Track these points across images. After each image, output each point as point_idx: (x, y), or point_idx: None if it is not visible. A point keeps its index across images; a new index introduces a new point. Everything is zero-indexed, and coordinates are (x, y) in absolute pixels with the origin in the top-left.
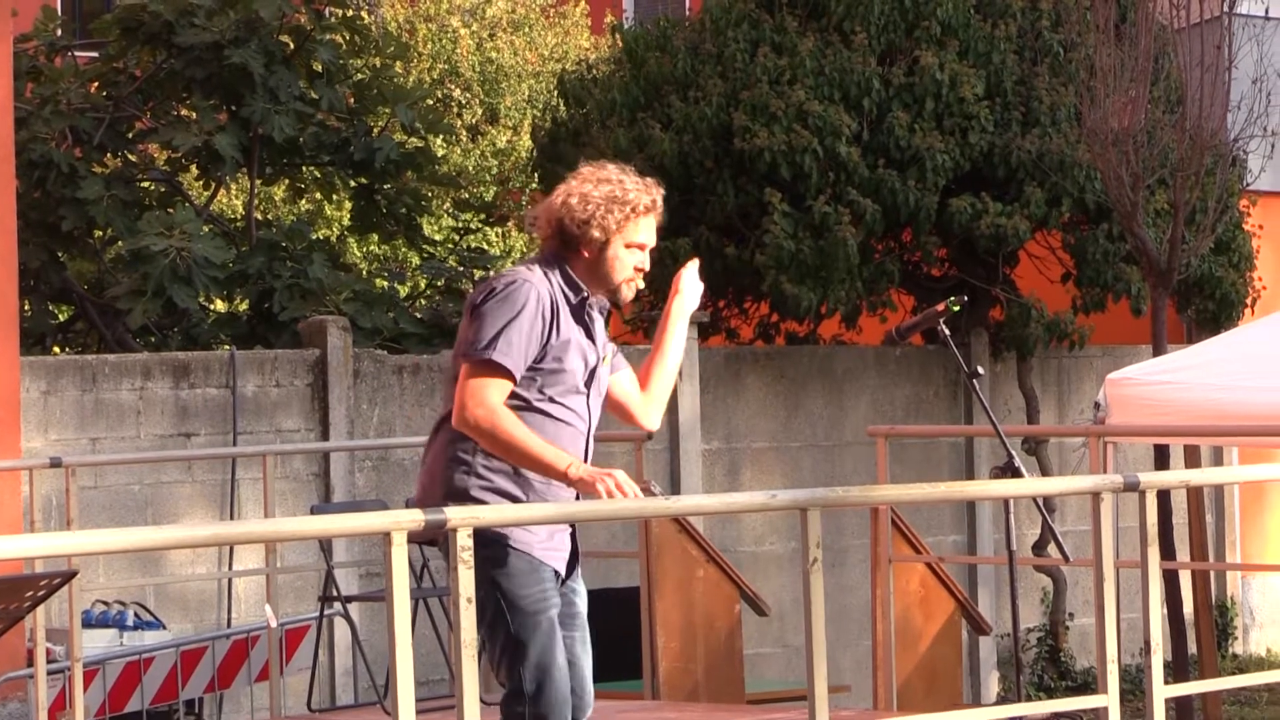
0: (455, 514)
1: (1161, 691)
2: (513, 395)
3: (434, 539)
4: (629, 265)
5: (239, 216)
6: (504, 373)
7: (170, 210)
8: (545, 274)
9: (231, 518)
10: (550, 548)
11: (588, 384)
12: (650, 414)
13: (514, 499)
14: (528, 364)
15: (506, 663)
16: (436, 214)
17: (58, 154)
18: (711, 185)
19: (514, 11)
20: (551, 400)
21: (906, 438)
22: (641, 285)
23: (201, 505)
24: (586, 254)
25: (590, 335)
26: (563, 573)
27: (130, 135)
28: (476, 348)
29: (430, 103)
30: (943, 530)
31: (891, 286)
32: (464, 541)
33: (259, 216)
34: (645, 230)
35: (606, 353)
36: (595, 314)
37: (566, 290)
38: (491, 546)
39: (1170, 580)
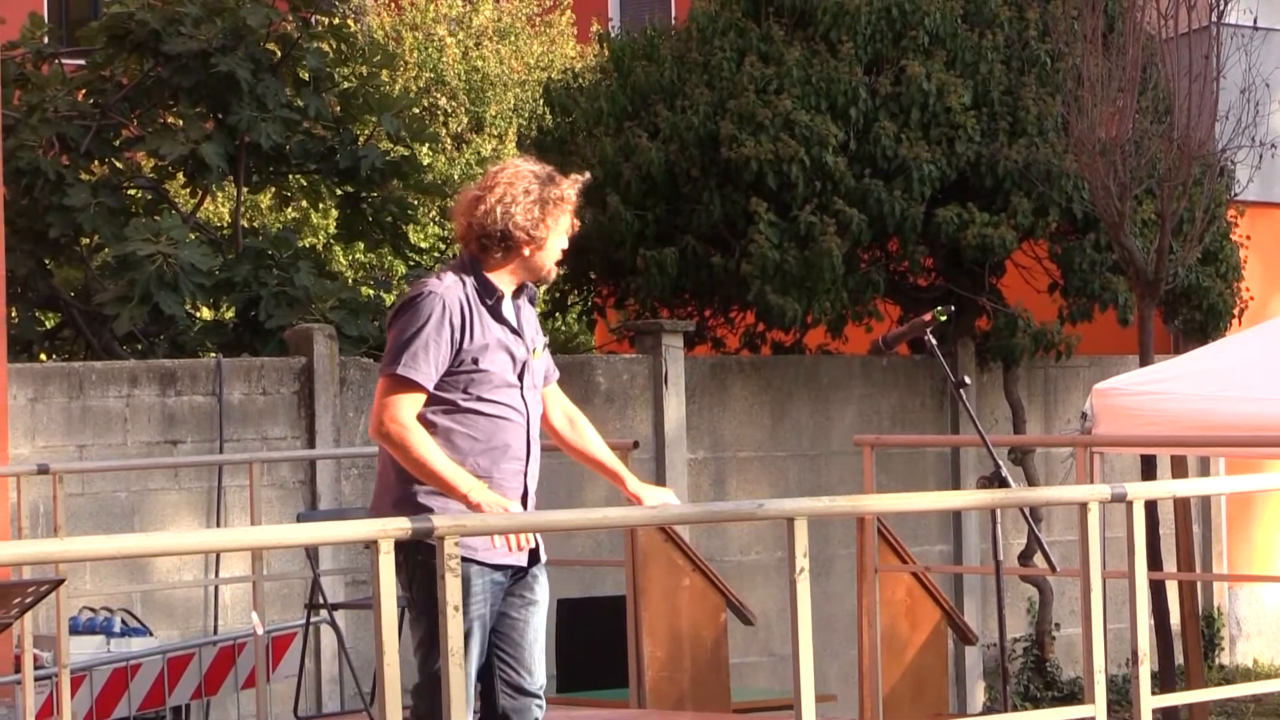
0: (442, 522)
1: (1149, 702)
2: (440, 400)
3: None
4: (558, 252)
5: (225, 224)
6: (413, 386)
7: (157, 218)
8: (459, 279)
9: (218, 525)
10: (496, 549)
11: (520, 377)
12: (560, 419)
13: (435, 493)
14: (440, 372)
15: (422, 656)
16: (422, 222)
17: (45, 161)
18: (698, 194)
19: (500, 20)
20: (480, 399)
21: (893, 447)
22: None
23: (188, 512)
24: (513, 251)
25: (518, 330)
26: (521, 564)
27: (117, 143)
28: (389, 364)
29: (416, 111)
30: (929, 540)
31: (877, 296)
32: (451, 549)
33: (245, 224)
34: (568, 220)
35: (538, 345)
36: (524, 308)
37: (481, 293)
38: (428, 552)
39: (1157, 590)
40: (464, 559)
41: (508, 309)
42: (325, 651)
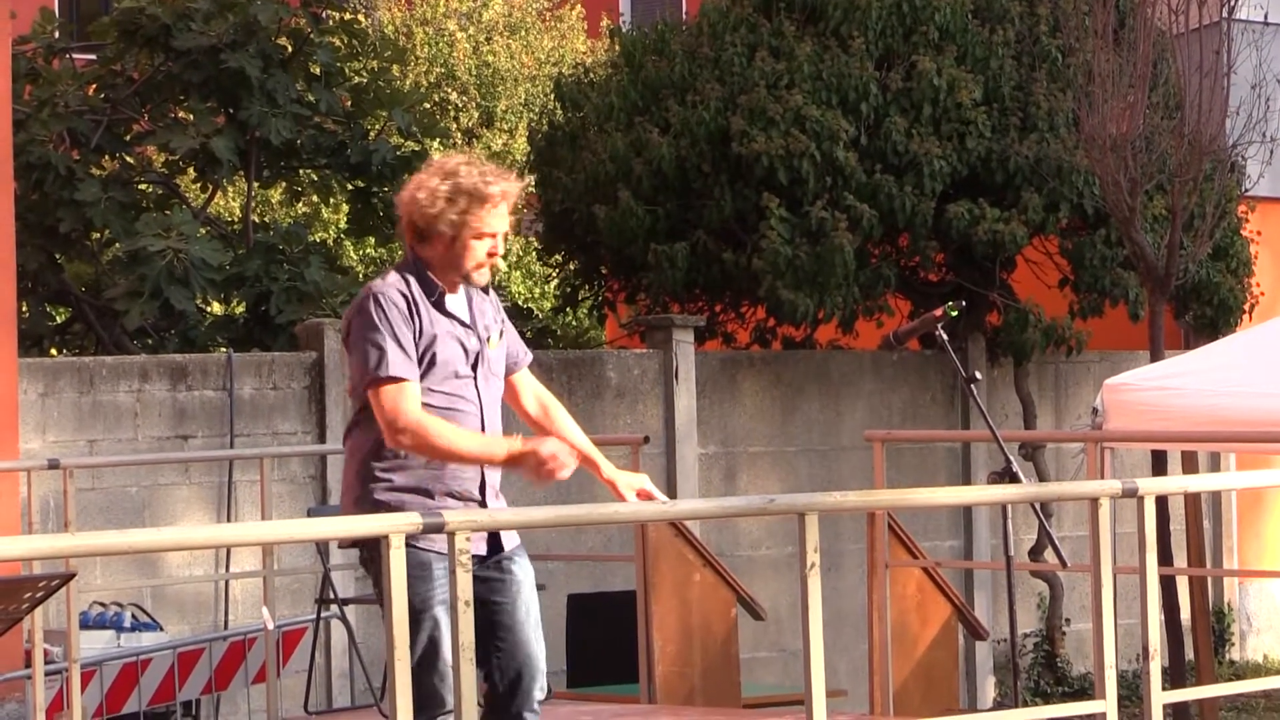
0: (454, 516)
1: (1160, 697)
2: None
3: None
4: (479, 253)
5: (236, 219)
6: (403, 380)
7: (167, 212)
8: (401, 277)
9: (228, 520)
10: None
11: (474, 367)
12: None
13: (417, 491)
14: (414, 359)
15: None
16: None
17: (55, 156)
18: (709, 190)
19: (510, 15)
20: (430, 390)
21: (903, 443)
22: (501, 266)
23: (199, 507)
24: (439, 246)
25: (467, 321)
26: (479, 551)
27: (128, 138)
28: (369, 374)
29: (427, 106)
30: (939, 535)
31: (888, 292)
32: (462, 544)
33: (256, 219)
34: (493, 219)
35: (493, 334)
36: (476, 298)
37: (423, 288)
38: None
39: (1167, 586)
40: (421, 548)
41: (455, 301)
42: (336, 646)
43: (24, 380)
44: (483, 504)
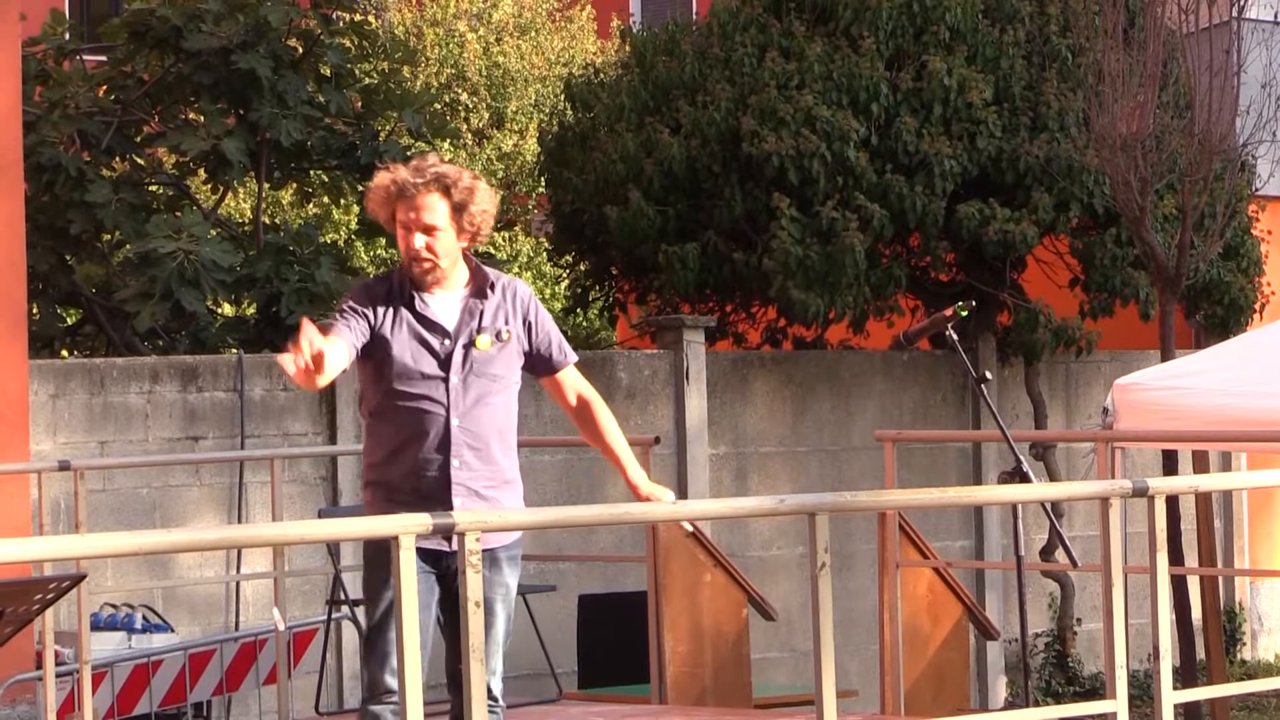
0: (464, 517)
1: (1171, 697)
2: (368, 400)
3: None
4: (412, 245)
5: (247, 220)
6: (334, 328)
7: (178, 214)
8: (388, 278)
9: (239, 521)
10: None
11: (445, 366)
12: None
13: (382, 486)
14: (356, 334)
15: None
16: None
17: (66, 158)
18: (719, 190)
19: (520, 16)
20: (392, 390)
21: (914, 443)
22: (442, 263)
23: (209, 508)
24: (399, 244)
25: (441, 323)
26: (443, 548)
27: (138, 139)
28: None
29: (437, 107)
30: (950, 535)
31: (899, 292)
32: (472, 545)
33: (266, 220)
34: (411, 209)
35: (484, 336)
36: (471, 300)
37: (399, 287)
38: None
39: (1178, 586)
40: (374, 542)
41: (439, 302)
42: (347, 647)
43: (35, 382)
44: (447, 505)
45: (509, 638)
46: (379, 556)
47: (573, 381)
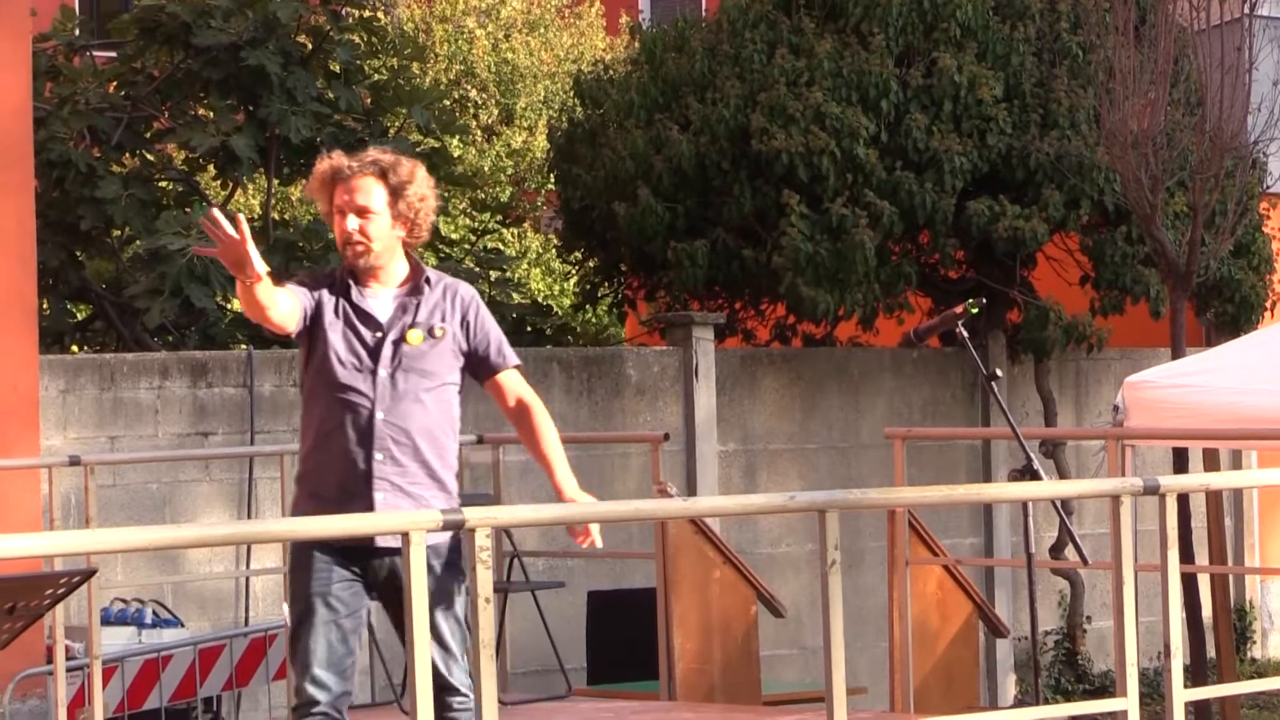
0: (473, 514)
1: (1181, 695)
2: (303, 382)
3: None
4: (343, 229)
5: (256, 216)
6: (290, 287)
7: (188, 210)
8: (336, 268)
9: (249, 516)
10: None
11: (374, 359)
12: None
13: (304, 478)
14: (300, 302)
15: None
16: (453, 214)
17: (76, 153)
18: (728, 187)
19: (529, 12)
20: (319, 378)
21: (924, 440)
22: (375, 246)
23: (219, 504)
24: None
25: (374, 315)
26: (373, 544)
27: (148, 135)
28: None
29: (446, 103)
30: (960, 533)
31: (909, 289)
32: (482, 541)
33: (276, 216)
34: (346, 191)
35: (416, 331)
36: (405, 297)
37: (340, 279)
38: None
39: (1189, 584)
40: (299, 543)
41: (375, 296)
42: None
43: (45, 377)
44: (368, 500)
45: (465, 641)
46: (298, 558)
47: (513, 386)
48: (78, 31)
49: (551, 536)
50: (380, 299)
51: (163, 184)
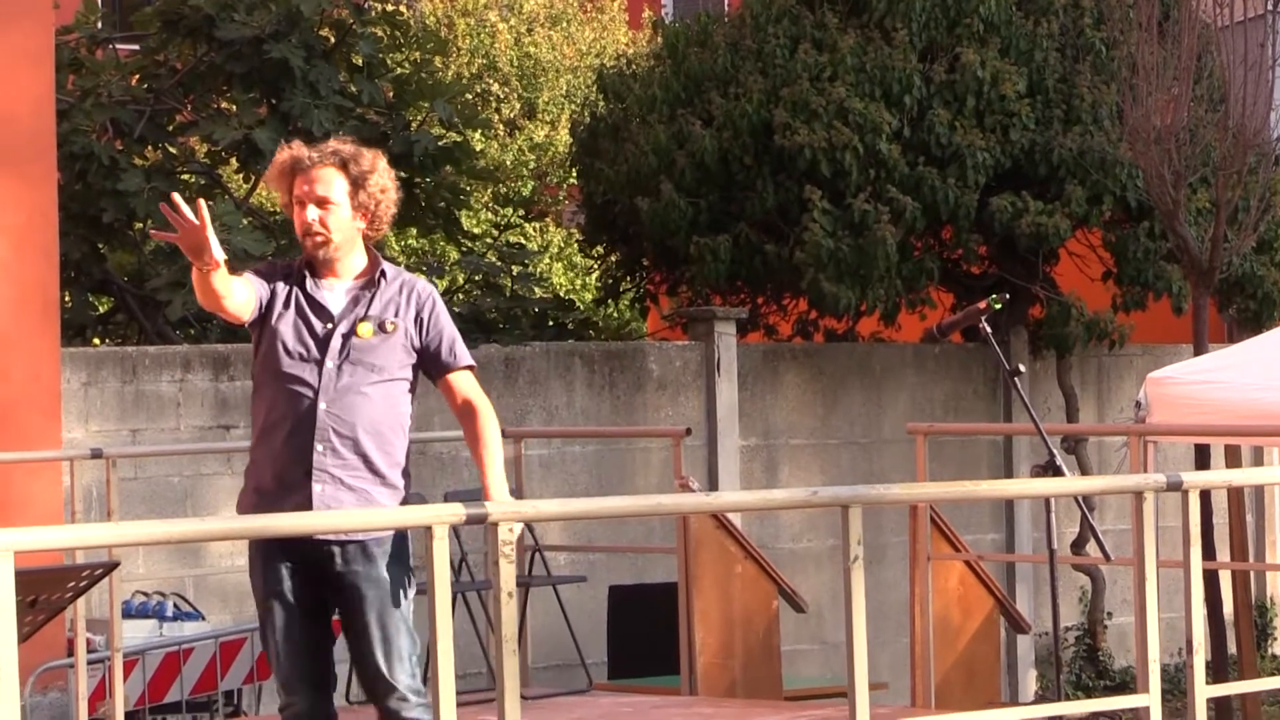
0: (497, 508)
1: (1203, 691)
2: (254, 371)
3: None
4: (301, 219)
5: (278, 209)
6: (247, 276)
7: (210, 203)
8: (294, 260)
9: None
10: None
11: (322, 349)
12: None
13: (248, 471)
14: (256, 291)
15: None
16: (475, 208)
17: (98, 146)
18: (751, 182)
19: (551, 6)
20: (266, 367)
21: (946, 435)
22: (334, 238)
23: None
24: None
25: (326, 306)
26: (325, 540)
27: (171, 128)
28: None
29: (468, 97)
30: (981, 528)
31: (931, 284)
32: (505, 535)
33: None
34: (306, 182)
35: (366, 325)
36: (358, 290)
37: (300, 268)
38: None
39: (1210, 580)
40: (254, 543)
41: (330, 288)
42: None
43: (67, 370)
44: (306, 491)
45: (413, 639)
46: (254, 559)
47: (462, 386)
48: (100, 24)
49: (573, 531)
50: (335, 291)
51: (185, 177)
